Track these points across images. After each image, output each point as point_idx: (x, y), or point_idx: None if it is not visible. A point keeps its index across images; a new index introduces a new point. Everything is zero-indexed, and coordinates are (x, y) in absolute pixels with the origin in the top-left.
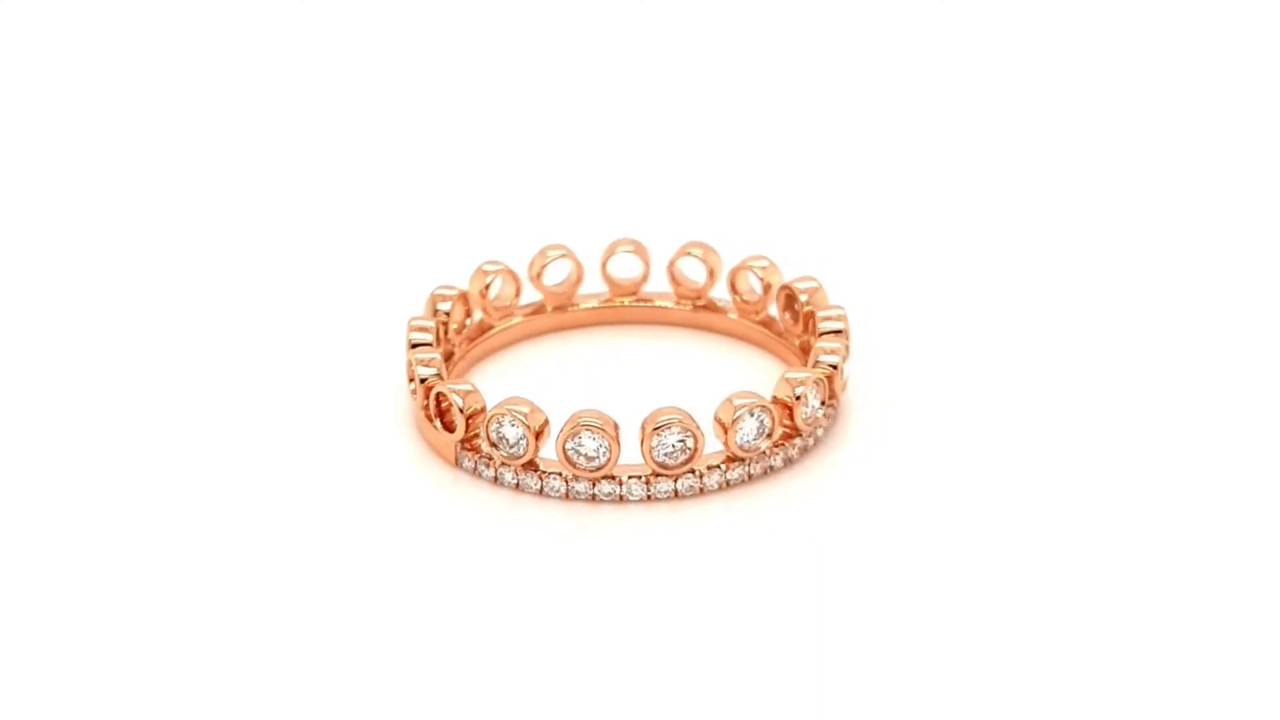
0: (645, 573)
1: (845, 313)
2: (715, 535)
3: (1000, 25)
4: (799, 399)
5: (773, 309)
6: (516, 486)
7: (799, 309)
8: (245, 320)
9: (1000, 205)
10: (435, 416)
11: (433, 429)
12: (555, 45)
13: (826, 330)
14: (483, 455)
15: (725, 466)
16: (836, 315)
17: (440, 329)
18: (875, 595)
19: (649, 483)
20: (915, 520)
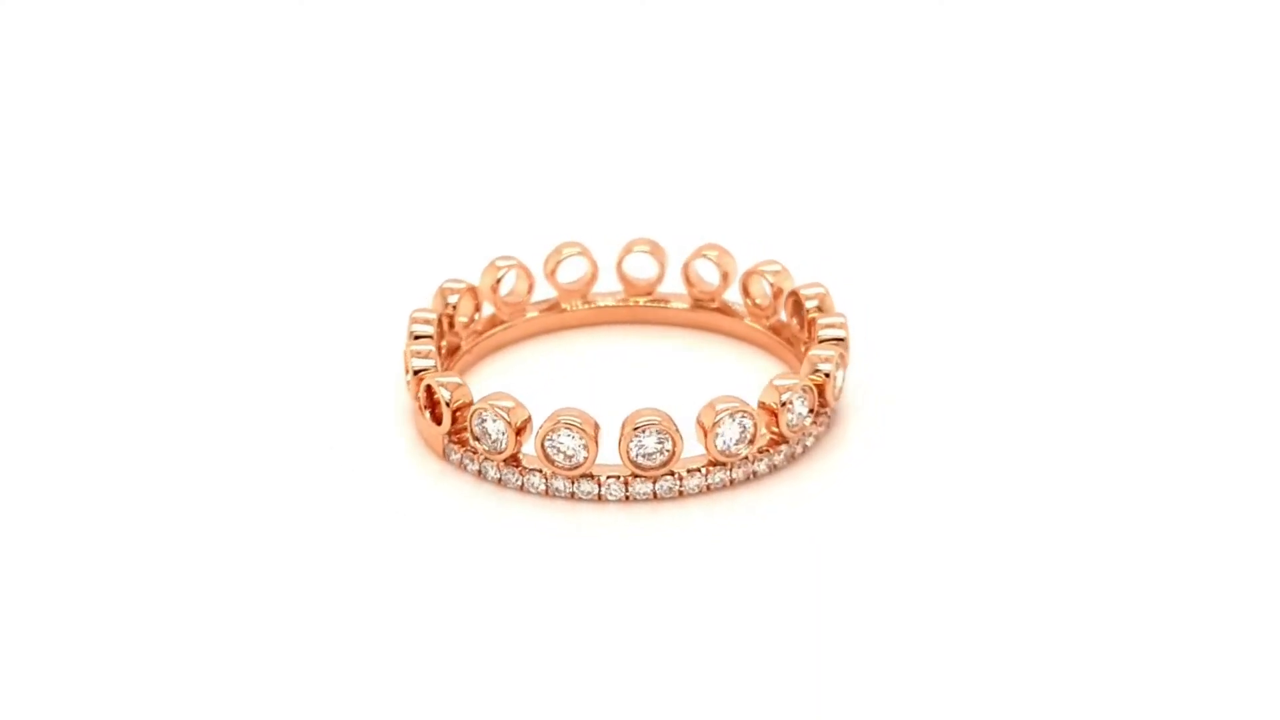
0: (617, 573)
1: (846, 321)
2: (692, 539)
3: (1000, 30)
4: (784, 405)
5: (784, 314)
6: (499, 481)
7: (805, 315)
8: (261, 313)
9: (1000, 207)
10: (426, 408)
11: (425, 421)
12: (584, 45)
13: (826, 338)
14: (468, 449)
15: (706, 470)
16: (837, 323)
17: (445, 321)
18: (869, 598)
19: (627, 484)
20: (914, 521)
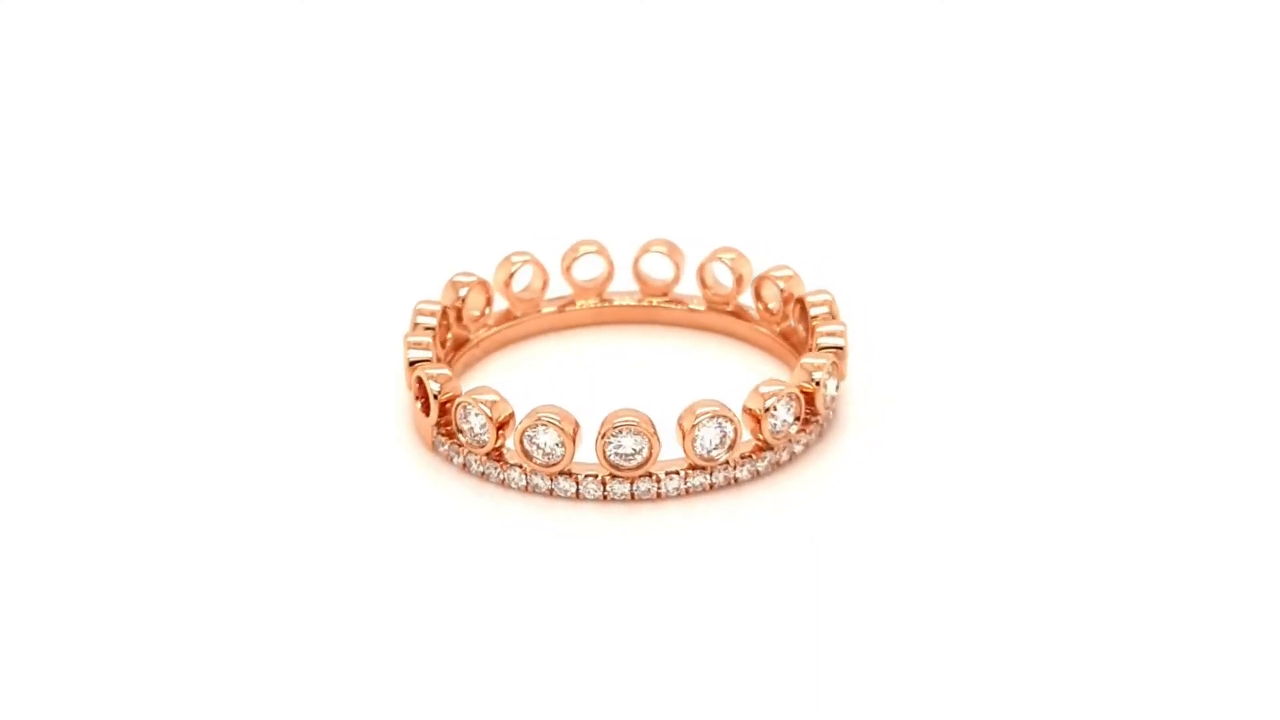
0: (588, 572)
1: (846, 330)
2: (668, 541)
3: (999, 28)
4: (768, 411)
5: (794, 320)
6: (482, 475)
7: (810, 322)
8: (273, 304)
9: (1000, 206)
10: (419, 399)
11: (418, 412)
12: (611, 47)
13: (824, 346)
14: (455, 442)
15: (685, 474)
16: (836, 332)
17: (453, 314)
18: (848, 605)
19: (605, 484)
20: (901, 531)
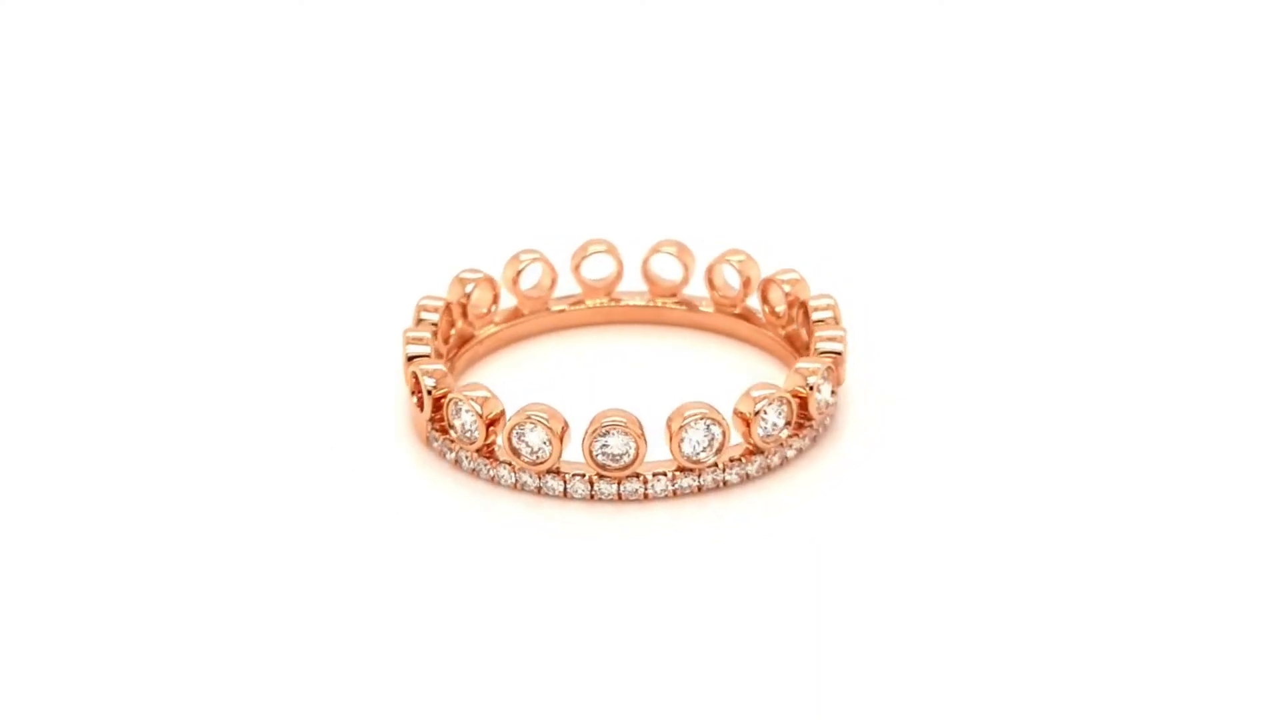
0: (572, 571)
1: (845, 335)
2: (654, 542)
3: (998, 24)
4: (758, 414)
5: (798, 324)
6: (473, 472)
7: (811, 326)
8: (280, 299)
9: (1000, 206)
10: (415, 394)
11: (414, 408)
12: (621, 49)
13: (822, 350)
14: (447, 437)
15: (673, 475)
16: (835, 337)
17: (458, 309)
18: (850, 604)
19: (592, 483)
20: (909, 526)
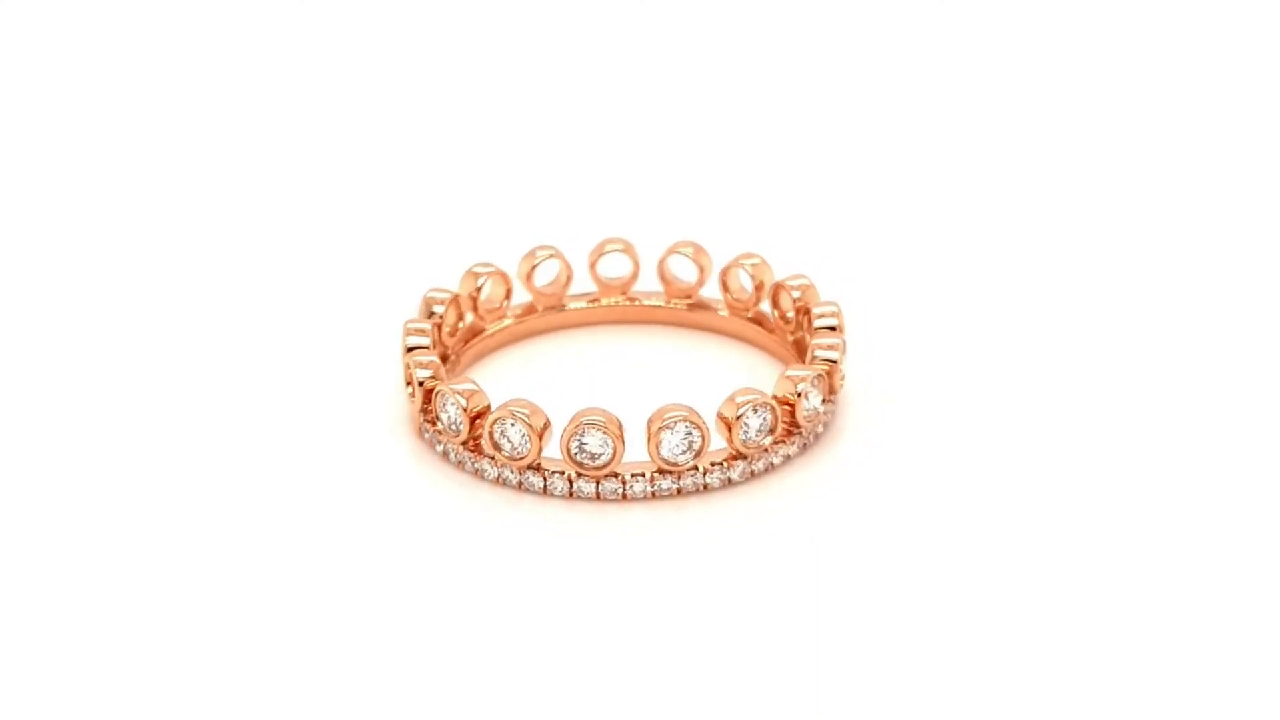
0: (544, 569)
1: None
2: (628, 542)
3: (998, 23)
4: (739, 419)
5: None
6: (459, 465)
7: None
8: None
9: (999, 205)
10: (408, 385)
11: (409, 399)
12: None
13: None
14: (436, 430)
15: (652, 477)
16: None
17: (468, 303)
18: (869, 597)
19: (571, 481)
20: (916, 520)
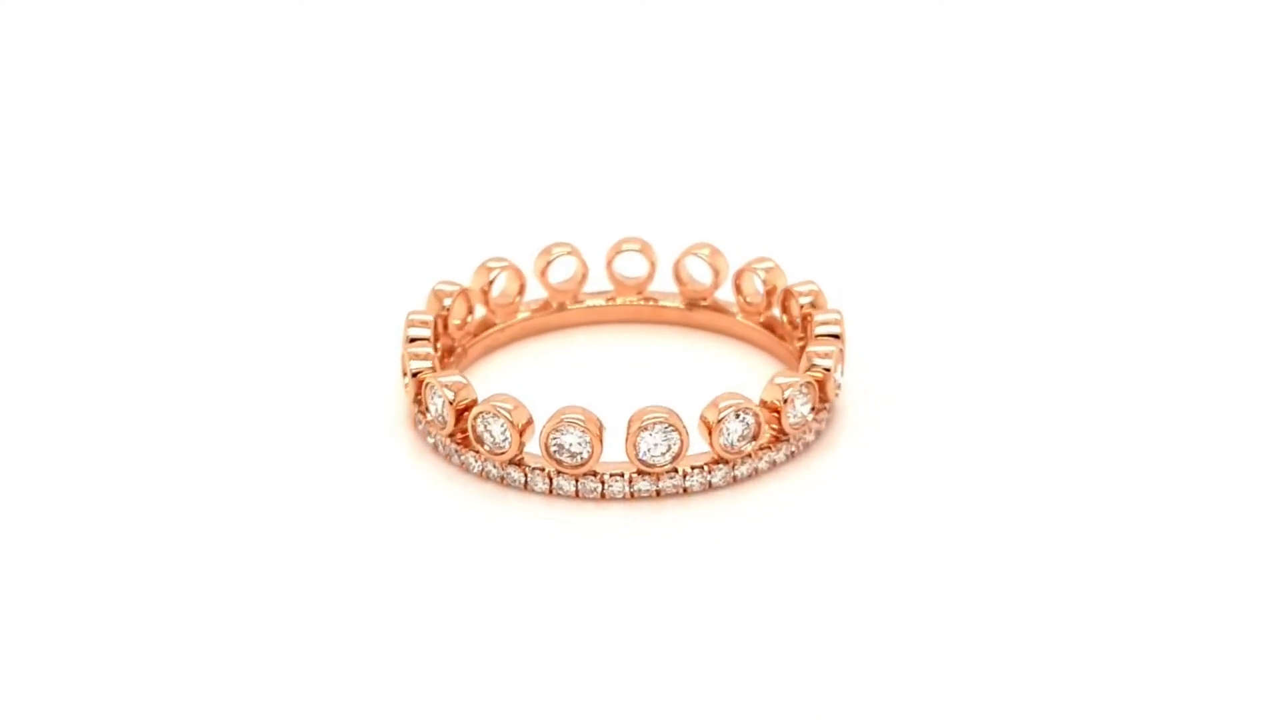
0: (518, 564)
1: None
2: (602, 542)
3: (998, 27)
4: (720, 423)
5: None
6: (447, 457)
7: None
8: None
9: (999, 206)
10: (404, 375)
11: (399, 392)
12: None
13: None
14: (428, 420)
15: (630, 478)
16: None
17: (481, 295)
18: (866, 597)
19: (550, 478)
20: (913, 521)
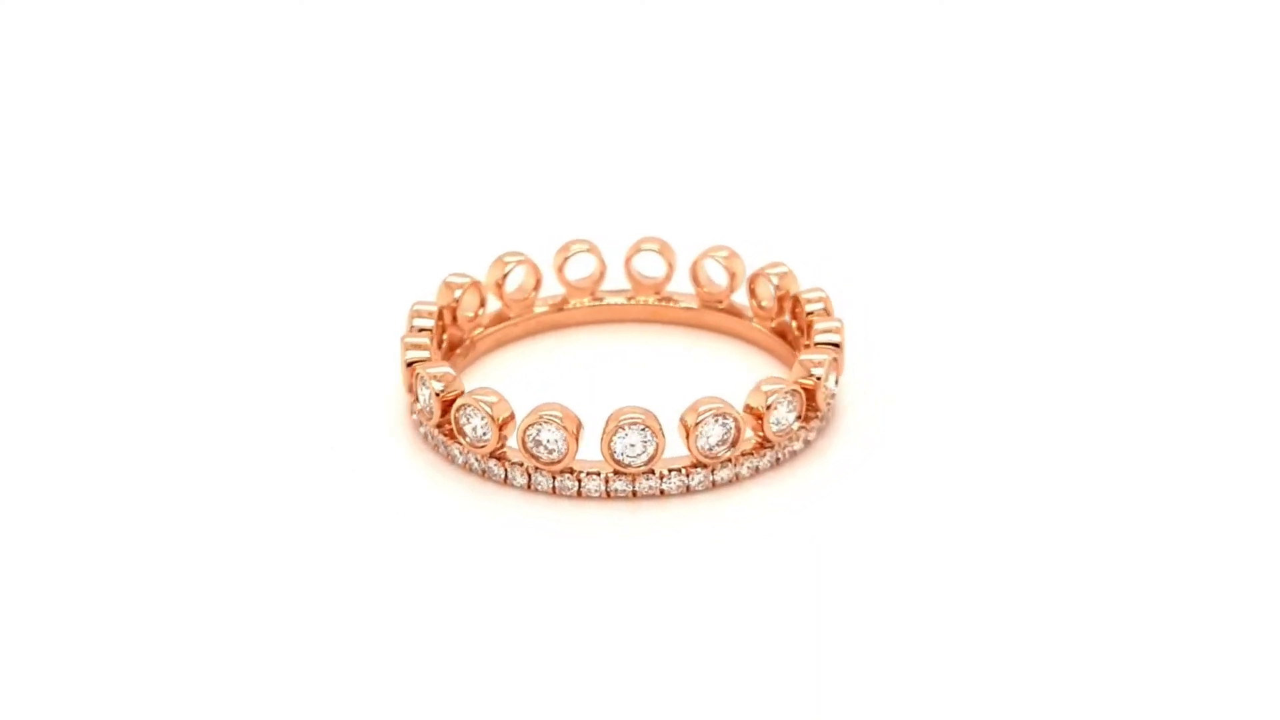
0: (484, 557)
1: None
2: (577, 540)
3: (998, 28)
4: (697, 426)
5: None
6: (435, 448)
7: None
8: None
9: (999, 207)
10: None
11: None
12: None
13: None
14: (418, 410)
15: (607, 477)
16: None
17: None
18: (852, 602)
19: (529, 474)
20: (905, 528)
